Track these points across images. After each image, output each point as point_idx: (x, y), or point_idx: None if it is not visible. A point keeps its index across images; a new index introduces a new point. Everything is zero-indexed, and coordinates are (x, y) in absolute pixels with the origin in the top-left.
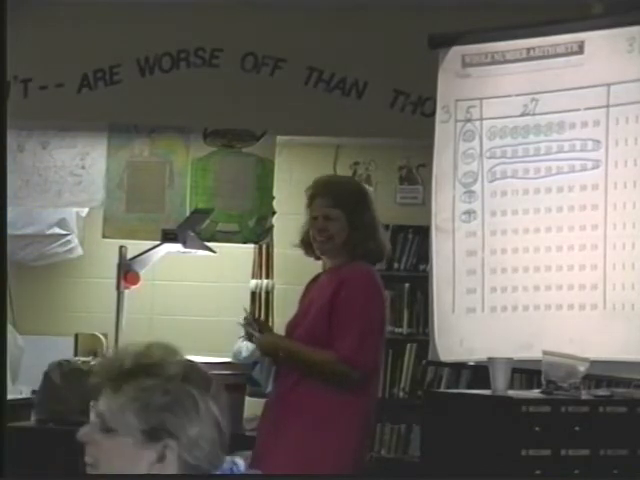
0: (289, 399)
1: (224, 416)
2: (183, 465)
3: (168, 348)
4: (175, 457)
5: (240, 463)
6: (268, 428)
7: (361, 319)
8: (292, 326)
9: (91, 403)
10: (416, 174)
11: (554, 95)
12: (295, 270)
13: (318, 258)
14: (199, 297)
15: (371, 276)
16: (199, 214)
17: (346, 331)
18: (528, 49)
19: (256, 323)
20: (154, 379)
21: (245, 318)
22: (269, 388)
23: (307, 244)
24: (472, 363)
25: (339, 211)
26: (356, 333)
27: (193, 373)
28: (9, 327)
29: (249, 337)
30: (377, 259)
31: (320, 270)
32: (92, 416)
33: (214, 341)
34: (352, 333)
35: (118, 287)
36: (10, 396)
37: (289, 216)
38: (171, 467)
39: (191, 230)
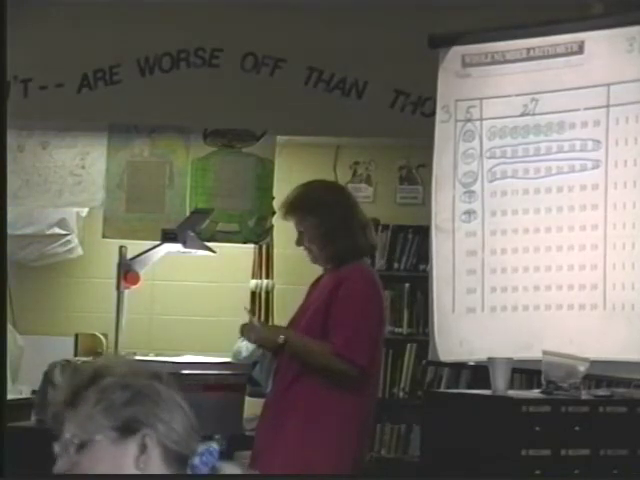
0: (287, 397)
1: (184, 401)
2: (165, 452)
3: (113, 355)
4: (155, 444)
5: (214, 446)
6: (266, 426)
7: (357, 315)
8: (291, 325)
9: (53, 445)
10: (416, 174)
11: (554, 95)
12: (295, 270)
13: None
14: (199, 297)
15: (369, 275)
16: (199, 214)
17: (342, 327)
18: (528, 49)
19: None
20: (109, 378)
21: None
22: (269, 388)
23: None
24: (472, 363)
25: (306, 223)
26: (351, 329)
27: (141, 370)
28: (9, 327)
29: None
30: (363, 253)
31: (321, 271)
32: (62, 449)
33: (214, 341)
34: (347, 329)
35: (118, 287)
36: (10, 396)
37: None
38: (155, 456)
39: (191, 230)
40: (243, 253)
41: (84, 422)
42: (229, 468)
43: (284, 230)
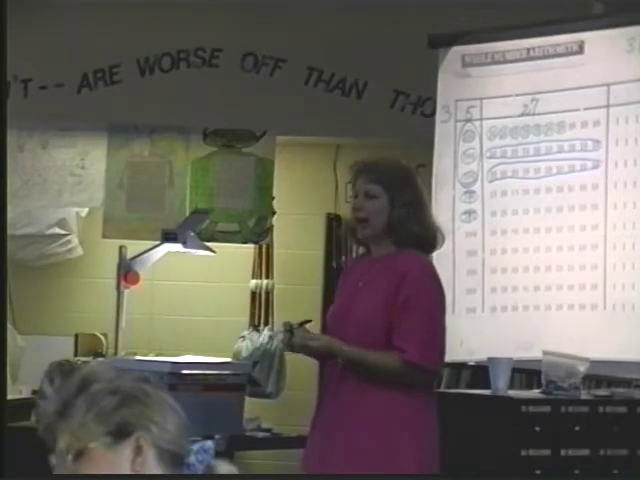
0: (360, 406)
1: (173, 401)
2: (160, 453)
3: (98, 361)
4: (150, 446)
5: (209, 443)
6: (339, 436)
7: (427, 319)
8: (335, 320)
9: (50, 457)
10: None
11: (554, 95)
12: (295, 270)
13: (361, 244)
14: (199, 297)
15: (431, 269)
16: (199, 214)
17: (412, 333)
18: (528, 49)
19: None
20: (96, 384)
21: (286, 325)
22: (269, 388)
23: (353, 229)
24: (472, 363)
25: (380, 188)
26: (423, 335)
27: (126, 374)
28: (9, 327)
29: (290, 347)
30: (428, 246)
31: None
32: (59, 461)
33: (214, 341)
34: (418, 335)
35: (118, 287)
36: (10, 396)
37: (289, 216)
38: (150, 457)
39: (191, 230)
40: (243, 253)
41: (77, 431)
42: (224, 465)
43: (284, 230)
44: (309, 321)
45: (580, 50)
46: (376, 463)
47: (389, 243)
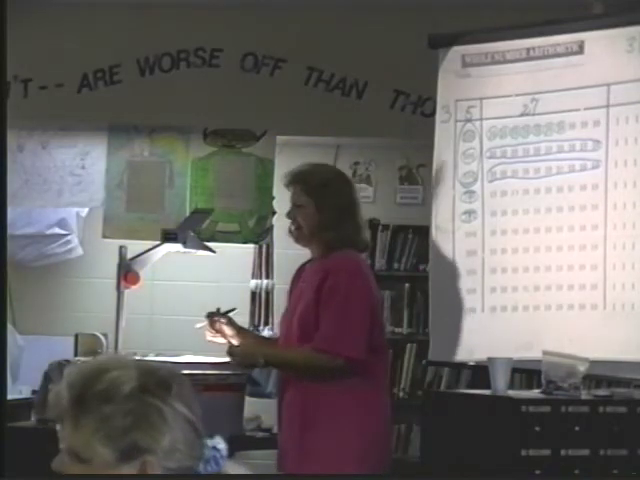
0: (296, 402)
1: (193, 410)
2: (166, 471)
3: (119, 363)
4: (156, 468)
5: (221, 447)
6: (287, 432)
7: (340, 308)
8: (285, 322)
9: (57, 428)
10: (416, 174)
11: (554, 95)
12: (295, 270)
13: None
14: (199, 297)
15: (354, 264)
16: (199, 214)
17: (323, 322)
18: (528, 49)
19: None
20: (111, 405)
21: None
22: (269, 388)
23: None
24: (472, 363)
25: (307, 198)
26: (332, 322)
27: (150, 380)
28: (9, 327)
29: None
30: (360, 247)
31: (303, 262)
32: (62, 443)
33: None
34: (327, 323)
35: (118, 287)
36: (10, 396)
37: None
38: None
39: (191, 230)
40: (243, 253)
41: (83, 446)
42: (233, 467)
43: (284, 230)
44: (233, 309)
45: (580, 50)
46: (296, 459)
47: (322, 245)
